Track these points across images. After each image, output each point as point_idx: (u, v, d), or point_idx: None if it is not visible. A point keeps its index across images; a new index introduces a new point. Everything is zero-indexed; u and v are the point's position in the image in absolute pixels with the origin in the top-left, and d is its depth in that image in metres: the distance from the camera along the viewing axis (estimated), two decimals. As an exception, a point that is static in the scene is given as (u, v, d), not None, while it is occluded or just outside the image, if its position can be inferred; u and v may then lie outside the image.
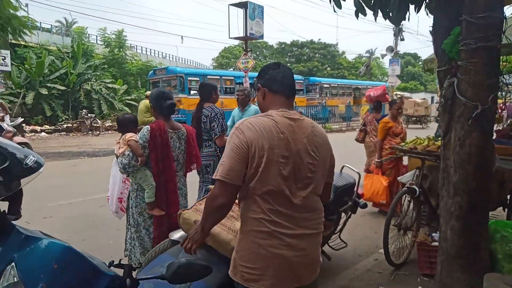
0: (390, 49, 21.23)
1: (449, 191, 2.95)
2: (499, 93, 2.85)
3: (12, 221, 1.40)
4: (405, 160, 5.48)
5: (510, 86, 3.09)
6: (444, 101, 2.88)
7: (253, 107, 5.35)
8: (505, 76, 2.99)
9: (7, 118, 9.97)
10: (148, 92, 9.43)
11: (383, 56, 22.72)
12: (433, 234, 3.80)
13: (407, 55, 56.36)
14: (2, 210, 1.43)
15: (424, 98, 25.51)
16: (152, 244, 2.86)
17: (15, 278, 1.22)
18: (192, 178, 3.27)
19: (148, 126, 2.84)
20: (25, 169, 1.34)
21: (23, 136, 9.94)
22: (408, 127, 21.20)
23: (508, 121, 4.53)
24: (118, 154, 2.88)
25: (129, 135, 2.90)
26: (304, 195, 1.69)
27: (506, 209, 4.12)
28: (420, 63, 60.71)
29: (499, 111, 4.49)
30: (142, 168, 2.83)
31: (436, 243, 3.61)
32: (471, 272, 2.90)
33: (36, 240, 1.31)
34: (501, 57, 2.76)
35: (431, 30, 3.06)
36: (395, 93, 24.31)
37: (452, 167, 2.89)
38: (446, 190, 3.00)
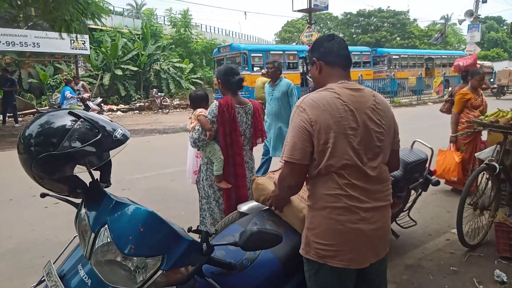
0: (469, 13, 19.22)
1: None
2: None
3: (104, 189, 1.56)
4: (484, 135, 5.05)
5: None
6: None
7: (285, 80, 5.07)
8: None
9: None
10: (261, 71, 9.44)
11: (461, 21, 20.62)
12: (515, 214, 3.52)
13: (489, 19, 51.00)
14: (95, 179, 1.60)
15: (506, 67, 23.11)
16: (222, 215, 2.99)
17: (108, 239, 1.38)
18: (258, 153, 3.35)
19: (216, 101, 2.92)
20: (114, 141, 1.47)
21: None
22: (500, 98, 19.85)
23: None
24: (190, 129, 3.02)
25: (199, 111, 3.02)
26: (375, 165, 1.67)
27: None
28: (505, 27, 54.64)
29: None
30: (211, 142, 2.95)
31: (519, 224, 3.34)
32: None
33: (124, 205, 1.45)
34: None
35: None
36: (473, 62, 22.30)
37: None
38: (533, 167, 2.74)
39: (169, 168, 6.78)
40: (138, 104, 18.98)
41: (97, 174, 1.67)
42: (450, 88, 6.37)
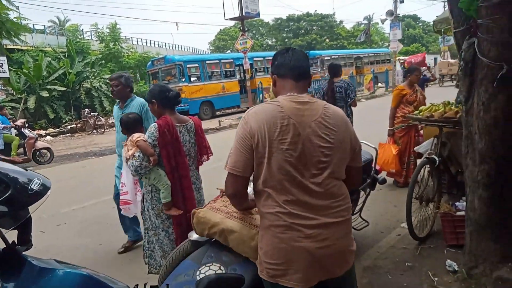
0: (390, 13, 20.59)
1: (474, 159, 2.80)
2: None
3: (23, 252, 1.27)
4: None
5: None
6: (464, 64, 2.69)
7: (138, 100, 3.85)
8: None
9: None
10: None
11: (383, 21, 22.07)
12: (457, 204, 3.67)
13: (407, 17, 55.05)
14: (11, 242, 1.30)
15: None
16: (173, 246, 2.76)
17: None
18: (205, 170, 3.14)
19: (155, 123, 2.70)
20: (31, 195, 1.21)
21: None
22: (442, 86, 21.84)
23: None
24: (128, 157, 2.75)
25: (136, 136, 2.76)
26: (320, 181, 1.58)
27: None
28: (420, 24, 59.39)
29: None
30: (155, 168, 2.71)
31: (461, 213, 3.48)
32: (503, 241, 2.78)
33: (51, 271, 1.20)
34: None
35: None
36: (397, 58, 23.81)
37: (477, 134, 2.72)
38: (471, 158, 2.85)
39: (109, 194, 6.23)
40: (69, 126, 17.79)
41: (13, 235, 1.38)
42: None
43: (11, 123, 9.98)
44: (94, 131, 17.14)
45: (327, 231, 1.58)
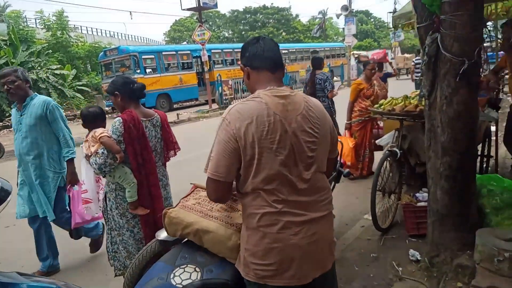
0: (344, 8, 21.09)
1: (437, 151, 2.89)
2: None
3: None
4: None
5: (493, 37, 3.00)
6: (428, 59, 2.75)
7: (40, 98, 3.30)
8: (488, 26, 2.88)
9: None
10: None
11: (338, 16, 22.59)
12: (417, 195, 3.80)
13: (359, 13, 56.74)
14: None
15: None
16: (139, 246, 2.62)
17: None
18: (169, 165, 3.00)
19: (120, 118, 2.52)
20: None
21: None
22: (399, 79, 22.87)
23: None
24: (90, 154, 2.55)
25: (99, 131, 2.55)
26: (309, 177, 1.56)
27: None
28: (372, 20, 61.43)
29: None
30: (120, 166, 2.54)
31: (422, 204, 3.61)
32: (463, 230, 2.91)
33: (15, 286, 1.04)
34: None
35: (407, -16, 2.89)
36: (352, 52, 24.48)
37: (440, 127, 2.81)
38: (433, 150, 2.94)
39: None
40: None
41: None
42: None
43: None
44: (42, 125, 16.09)
45: (316, 226, 1.57)
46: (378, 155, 5.27)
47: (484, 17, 2.65)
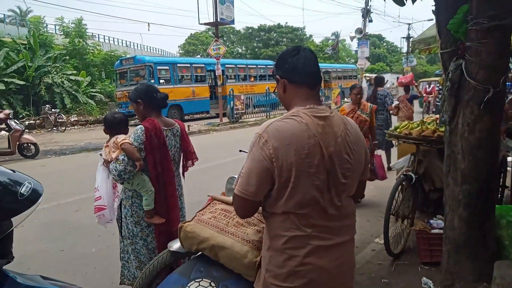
0: (359, 31, 21.27)
1: (456, 178, 2.84)
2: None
3: (3, 267, 1.08)
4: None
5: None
6: (451, 85, 2.73)
7: None
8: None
9: None
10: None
11: (352, 38, 22.77)
12: (431, 221, 3.73)
13: (372, 37, 57.16)
14: None
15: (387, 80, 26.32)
16: (151, 255, 2.58)
17: None
18: (189, 175, 2.98)
19: (142, 126, 2.52)
20: (20, 201, 1.03)
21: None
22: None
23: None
24: (110, 160, 2.54)
25: (121, 137, 2.55)
26: (339, 203, 1.50)
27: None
28: (385, 44, 61.83)
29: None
30: (139, 173, 2.53)
31: (436, 231, 3.54)
32: (480, 260, 2.83)
33: None
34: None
35: (433, 9, 2.90)
36: (364, 75, 24.57)
37: (460, 154, 2.76)
38: (452, 177, 2.88)
39: (71, 196, 5.96)
40: (27, 122, 16.76)
41: None
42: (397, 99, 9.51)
43: None
44: (54, 128, 16.27)
45: (341, 250, 1.53)
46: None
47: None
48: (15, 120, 10.21)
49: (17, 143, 9.33)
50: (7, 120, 9.23)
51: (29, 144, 9.72)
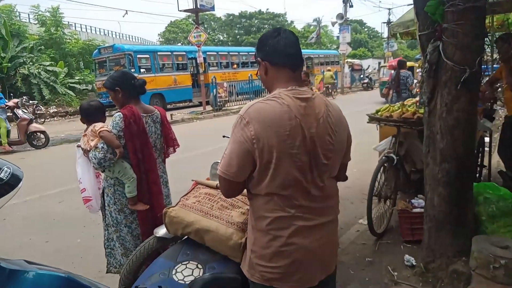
0: (340, 16, 21.28)
1: (435, 158, 2.92)
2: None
3: None
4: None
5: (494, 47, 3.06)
6: (429, 66, 2.78)
7: None
8: (489, 36, 2.93)
9: None
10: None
11: (333, 23, 22.80)
12: (413, 201, 3.83)
13: (353, 22, 57.28)
14: None
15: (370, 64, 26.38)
16: (136, 242, 2.58)
17: None
18: (174, 164, 2.98)
19: (120, 113, 2.49)
20: None
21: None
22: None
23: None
24: (89, 148, 2.51)
25: (99, 125, 2.53)
26: (322, 184, 1.52)
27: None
28: (366, 29, 62.11)
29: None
30: (120, 161, 2.50)
31: (417, 210, 3.64)
32: (459, 236, 2.93)
33: (23, 274, 1.01)
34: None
35: (411, -8, 2.93)
36: (346, 60, 24.69)
37: (439, 134, 2.84)
38: (432, 157, 2.96)
39: (54, 188, 5.87)
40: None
41: None
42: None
43: None
44: (33, 120, 15.87)
45: (324, 229, 1.55)
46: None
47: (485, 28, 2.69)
48: (23, 109, 9.95)
49: (26, 132, 9.09)
50: (14, 109, 9.02)
51: (39, 134, 9.56)
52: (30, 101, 16.39)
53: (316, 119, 1.46)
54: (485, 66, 6.49)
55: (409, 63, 18.21)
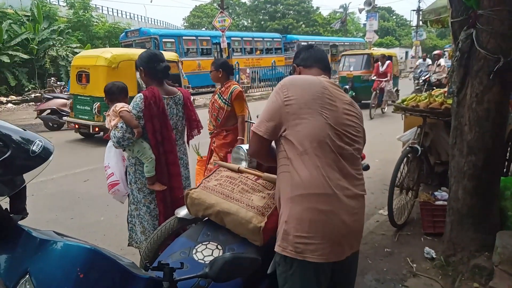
0: (368, 2, 20.69)
1: (462, 150, 2.84)
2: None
3: (18, 222, 1.12)
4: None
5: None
6: (460, 55, 2.69)
7: None
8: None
9: None
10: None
11: (361, 10, 22.23)
12: (436, 193, 3.75)
13: (381, 9, 55.78)
14: (4, 209, 1.14)
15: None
16: (154, 222, 2.65)
17: None
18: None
19: (141, 94, 2.53)
20: (32, 158, 1.05)
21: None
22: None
23: None
24: (110, 127, 2.57)
25: (119, 105, 2.57)
26: (351, 152, 1.62)
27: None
28: (394, 17, 60.34)
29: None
30: (139, 141, 2.55)
31: (440, 202, 3.57)
32: (483, 231, 2.87)
33: (52, 244, 1.04)
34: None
35: (445, -24, 2.81)
36: (372, 49, 24.11)
37: (467, 125, 2.75)
38: (458, 149, 2.89)
39: (80, 167, 6.05)
40: (33, 95, 16.80)
41: (5, 203, 1.22)
42: None
43: None
44: (60, 101, 16.30)
45: (358, 204, 1.60)
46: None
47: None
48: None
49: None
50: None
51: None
52: (58, 82, 16.82)
53: (344, 100, 1.68)
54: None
55: (379, 51, 15.09)
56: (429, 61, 14.30)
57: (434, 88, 8.64)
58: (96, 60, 7.65)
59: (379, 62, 10.96)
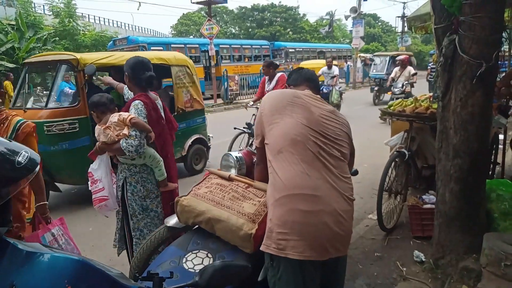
0: (353, 9, 20.98)
1: (448, 153, 2.89)
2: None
3: (3, 235, 1.10)
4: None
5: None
6: (444, 60, 2.74)
7: None
8: (507, 30, 2.87)
9: None
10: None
11: (347, 17, 22.52)
12: (424, 197, 3.80)
13: (367, 16, 56.56)
14: None
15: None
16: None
17: None
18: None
19: (139, 100, 2.53)
20: (17, 169, 1.03)
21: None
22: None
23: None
24: (117, 139, 2.47)
25: (125, 114, 2.50)
26: (331, 152, 1.68)
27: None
28: (379, 23, 61.29)
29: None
30: (147, 147, 2.58)
31: (428, 206, 3.61)
32: (470, 233, 2.90)
33: (39, 256, 1.03)
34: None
35: (428, -16, 2.88)
36: (359, 55, 24.40)
37: (452, 129, 2.80)
38: (444, 152, 2.93)
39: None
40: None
41: None
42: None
43: None
44: (46, 111, 16.09)
45: (342, 206, 1.64)
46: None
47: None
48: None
49: None
50: None
51: None
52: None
53: (324, 108, 1.80)
54: (502, 62, 6.38)
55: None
56: (335, 69, 10.52)
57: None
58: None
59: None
